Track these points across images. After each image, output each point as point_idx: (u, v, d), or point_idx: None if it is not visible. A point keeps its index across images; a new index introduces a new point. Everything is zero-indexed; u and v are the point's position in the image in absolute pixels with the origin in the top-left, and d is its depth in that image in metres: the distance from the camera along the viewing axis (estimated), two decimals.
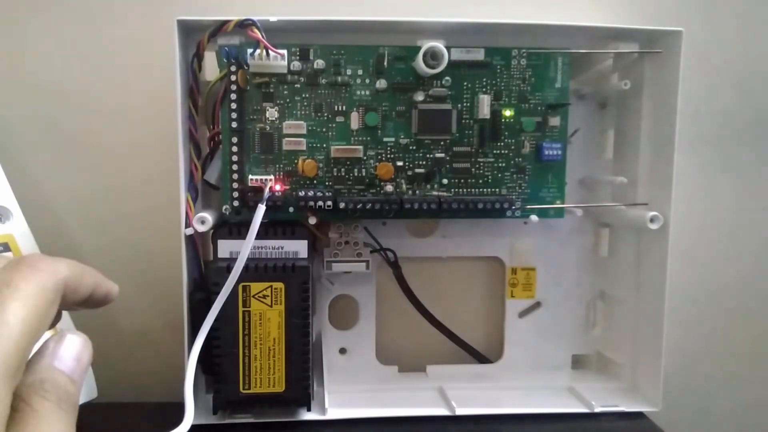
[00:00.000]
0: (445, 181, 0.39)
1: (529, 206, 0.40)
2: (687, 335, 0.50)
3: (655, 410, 0.42)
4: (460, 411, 0.40)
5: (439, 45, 0.36)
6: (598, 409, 0.41)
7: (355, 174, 0.39)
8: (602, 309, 0.47)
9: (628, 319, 0.44)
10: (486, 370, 0.47)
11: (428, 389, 0.44)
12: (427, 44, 0.36)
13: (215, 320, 0.35)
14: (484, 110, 0.39)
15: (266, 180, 0.38)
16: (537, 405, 0.42)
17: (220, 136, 0.38)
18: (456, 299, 0.47)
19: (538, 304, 0.47)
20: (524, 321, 0.47)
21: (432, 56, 0.37)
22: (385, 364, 0.46)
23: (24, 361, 0.19)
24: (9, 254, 0.22)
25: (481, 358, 0.47)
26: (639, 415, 0.42)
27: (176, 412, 0.36)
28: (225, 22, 0.36)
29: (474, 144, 0.39)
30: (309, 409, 0.39)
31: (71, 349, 0.22)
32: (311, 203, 0.37)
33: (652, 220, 0.40)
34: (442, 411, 0.41)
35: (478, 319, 0.48)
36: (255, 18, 0.36)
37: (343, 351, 0.45)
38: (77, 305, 0.23)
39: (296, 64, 0.38)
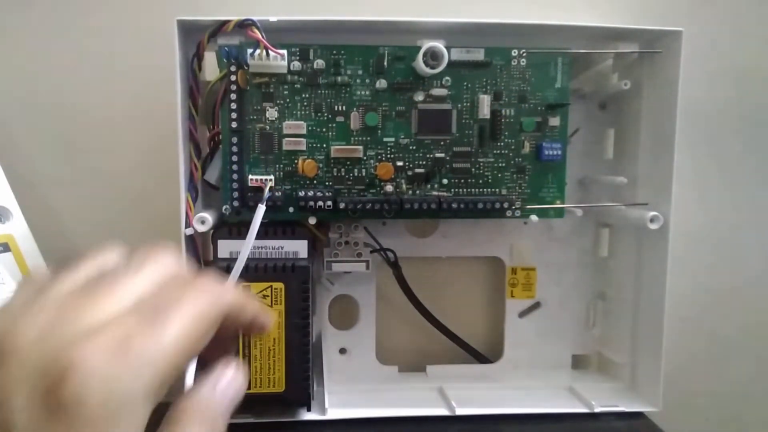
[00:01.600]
0: (445, 181, 0.39)
1: (529, 206, 0.40)
2: (687, 335, 0.50)
3: (655, 410, 0.42)
4: (460, 411, 0.40)
5: (439, 45, 0.36)
6: (598, 409, 0.41)
7: (355, 174, 0.39)
8: (602, 309, 0.47)
9: (628, 319, 0.44)
10: (486, 370, 0.46)
11: (428, 389, 0.44)
12: (427, 44, 0.36)
13: None
14: (484, 110, 0.39)
15: (266, 180, 0.38)
16: (537, 405, 0.42)
17: (220, 136, 0.38)
18: (456, 299, 0.47)
19: (538, 304, 0.47)
20: (524, 321, 0.47)
21: (432, 56, 0.37)
22: (385, 364, 0.46)
23: (169, 380, 0.19)
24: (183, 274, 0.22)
25: (481, 358, 0.47)
26: (639, 415, 0.42)
27: None
28: (225, 22, 0.36)
29: (474, 144, 0.39)
30: (309, 409, 0.39)
31: (233, 385, 0.21)
32: (311, 203, 0.37)
33: (652, 220, 0.40)
34: (442, 411, 0.41)
35: (478, 319, 0.48)
36: (255, 18, 0.36)
37: (343, 351, 0.45)
38: (233, 331, 0.23)
39: (296, 64, 0.38)
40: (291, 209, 0.38)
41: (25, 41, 0.44)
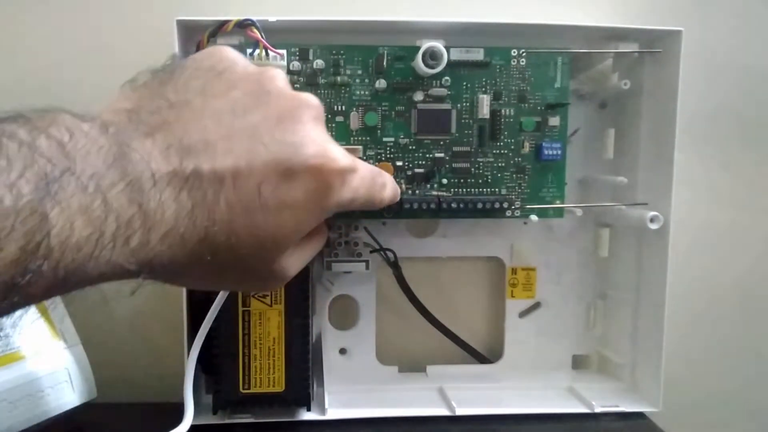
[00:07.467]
0: (444, 180, 0.39)
1: (528, 206, 0.40)
2: (687, 335, 0.49)
3: (655, 410, 0.42)
4: (460, 411, 0.40)
5: (438, 45, 0.36)
6: (598, 410, 0.41)
7: None
8: (602, 309, 0.47)
9: (629, 319, 0.44)
10: (486, 371, 0.46)
11: (428, 389, 0.44)
12: (426, 44, 0.36)
13: (215, 320, 0.35)
14: (484, 110, 0.39)
15: None
16: (537, 405, 0.42)
17: None
18: (456, 299, 0.47)
19: (538, 304, 0.47)
20: (524, 321, 0.47)
21: (431, 56, 0.37)
22: (385, 364, 0.45)
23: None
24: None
25: (481, 359, 0.47)
26: (639, 416, 0.42)
27: (176, 413, 0.36)
28: (224, 23, 0.36)
29: (473, 144, 0.39)
30: (309, 409, 0.39)
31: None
32: None
33: (652, 220, 0.40)
34: (442, 411, 0.41)
35: (479, 320, 0.48)
36: (254, 18, 0.36)
37: (343, 351, 0.45)
38: None
39: (296, 64, 0.38)
40: None
41: (24, 41, 0.44)
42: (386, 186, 0.30)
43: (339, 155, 0.25)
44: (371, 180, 0.28)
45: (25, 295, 0.17)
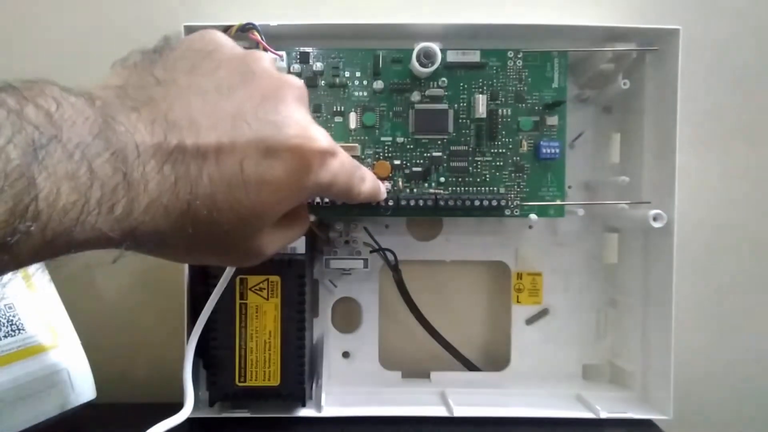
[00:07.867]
0: (442, 179, 0.40)
1: (527, 203, 0.40)
2: (700, 342, 0.47)
3: (665, 418, 0.40)
4: (459, 412, 0.39)
5: (432, 45, 0.37)
6: (603, 415, 0.40)
7: None
8: (612, 316, 0.46)
9: (638, 325, 0.43)
10: (492, 378, 0.45)
11: (431, 395, 0.43)
12: (420, 44, 0.37)
13: (213, 311, 0.36)
14: (480, 110, 0.40)
15: None
16: (542, 409, 0.41)
17: None
18: (460, 304, 0.46)
19: (545, 311, 0.46)
20: (532, 328, 0.46)
21: (425, 55, 0.38)
22: (389, 369, 0.45)
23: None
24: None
25: (472, 368, 0.46)
26: (648, 423, 0.40)
27: (175, 413, 0.36)
28: (228, 27, 0.38)
29: (471, 143, 0.40)
30: (303, 405, 0.39)
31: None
32: (309, 200, 0.38)
33: (655, 218, 0.39)
34: (441, 412, 0.40)
35: (483, 326, 0.47)
36: (256, 23, 0.38)
37: (346, 355, 0.45)
38: None
39: (296, 67, 0.39)
40: None
41: (28, 46, 0.46)
42: (365, 180, 0.31)
43: (320, 136, 0.26)
44: (351, 169, 0.29)
45: (14, 256, 0.18)
